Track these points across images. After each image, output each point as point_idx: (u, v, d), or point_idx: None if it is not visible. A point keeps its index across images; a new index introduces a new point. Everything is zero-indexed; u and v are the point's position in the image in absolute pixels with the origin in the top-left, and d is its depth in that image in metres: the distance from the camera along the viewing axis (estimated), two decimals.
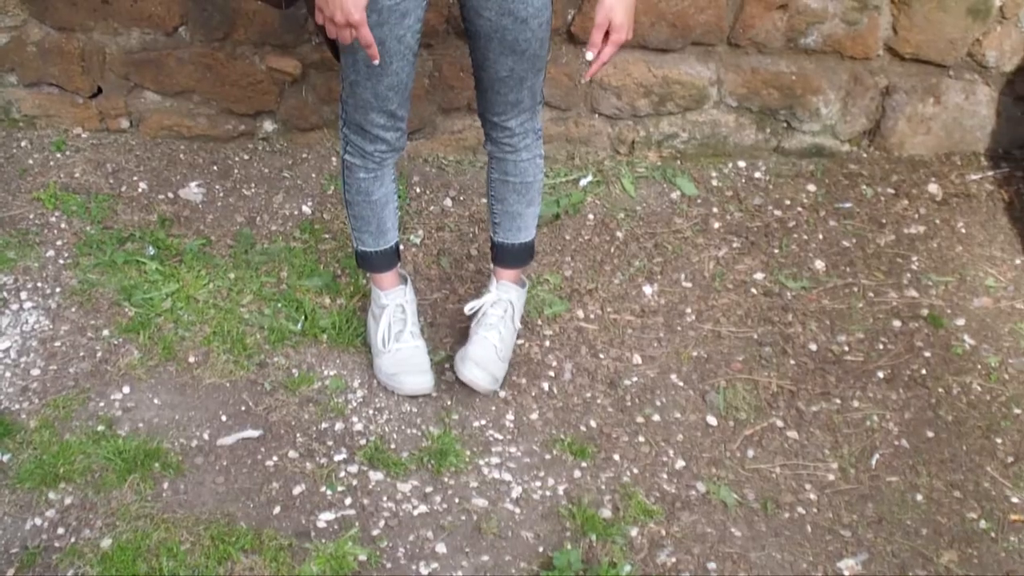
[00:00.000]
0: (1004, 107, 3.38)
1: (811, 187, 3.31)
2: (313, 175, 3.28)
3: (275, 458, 2.47)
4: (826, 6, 3.14)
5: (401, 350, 2.61)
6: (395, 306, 2.63)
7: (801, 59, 3.26)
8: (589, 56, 2.14)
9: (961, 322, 2.88)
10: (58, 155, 3.29)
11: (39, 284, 2.87)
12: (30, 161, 3.27)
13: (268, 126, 3.37)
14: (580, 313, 2.86)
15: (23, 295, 2.83)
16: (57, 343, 2.71)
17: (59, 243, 2.99)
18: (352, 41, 2.01)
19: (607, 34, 2.11)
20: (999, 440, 2.59)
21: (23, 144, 3.33)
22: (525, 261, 2.68)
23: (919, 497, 2.45)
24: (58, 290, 2.85)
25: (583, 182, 3.29)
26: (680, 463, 2.51)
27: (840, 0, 3.14)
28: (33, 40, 3.23)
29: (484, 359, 2.57)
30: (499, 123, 2.42)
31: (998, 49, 3.26)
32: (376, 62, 2.08)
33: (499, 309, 2.63)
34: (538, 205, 2.60)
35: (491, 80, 2.33)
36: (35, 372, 2.63)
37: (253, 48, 3.20)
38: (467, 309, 2.66)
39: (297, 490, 2.40)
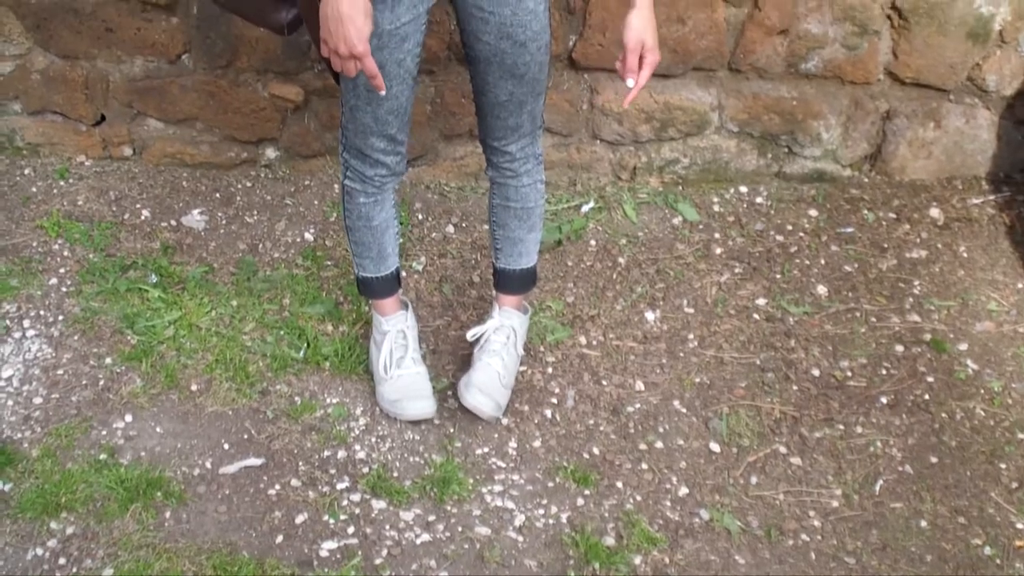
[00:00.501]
0: (1005, 131, 3.39)
1: (813, 212, 3.31)
2: (315, 202, 3.29)
3: (277, 487, 2.46)
4: (826, 31, 3.16)
5: (403, 376, 2.61)
6: (396, 332, 2.63)
7: (802, 84, 3.27)
8: (630, 83, 2.16)
9: (964, 347, 2.88)
10: (61, 183, 3.30)
11: (42, 312, 2.87)
12: (33, 189, 3.28)
13: (271, 153, 3.38)
14: (582, 339, 2.86)
15: (26, 323, 2.83)
16: (60, 371, 2.71)
17: (62, 271, 3.00)
18: (357, 73, 2.02)
19: (641, 57, 2.15)
20: (1003, 465, 2.58)
21: (27, 172, 3.34)
22: (527, 287, 2.69)
23: (923, 523, 2.45)
24: (61, 318, 2.86)
25: (585, 208, 3.29)
26: (683, 490, 2.51)
27: (840, 25, 3.15)
28: (37, 68, 3.24)
29: (487, 385, 2.57)
30: (499, 148, 2.43)
31: (998, 73, 3.27)
32: (383, 92, 2.08)
33: (502, 335, 2.63)
34: (539, 231, 2.61)
35: (491, 105, 2.34)
36: (37, 400, 2.63)
37: (256, 75, 3.22)
38: (469, 336, 2.66)
39: (300, 519, 2.39)
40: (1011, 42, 3.21)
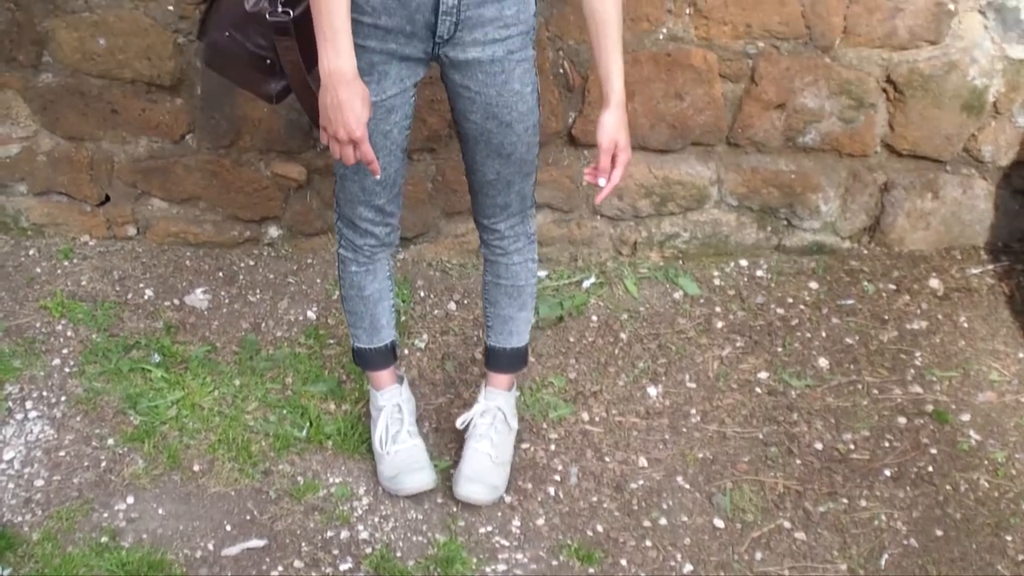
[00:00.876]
0: (1002, 200, 3.41)
1: (813, 284, 3.33)
2: (318, 280, 3.30)
3: (280, 568, 2.45)
4: (823, 105, 3.19)
5: (399, 451, 2.61)
6: (392, 407, 2.64)
7: (800, 157, 3.30)
8: (601, 182, 2.19)
9: (967, 417, 2.87)
10: (65, 263, 3.32)
11: (44, 393, 2.88)
12: (38, 269, 3.30)
13: (273, 232, 3.40)
14: (585, 416, 2.86)
15: (28, 404, 2.84)
16: (61, 453, 2.71)
17: (65, 351, 3.01)
18: (352, 162, 2.07)
19: (613, 156, 2.18)
20: (1009, 537, 2.56)
21: (31, 253, 3.36)
22: (517, 367, 2.69)
23: None
24: (63, 399, 2.86)
25: (586, 284, 3.31)
26: (688, 567, 2.49)
27: (836, 99, 3.19)
28: (43, 150, 3.28)
29: (477, 472, 2.57)
30: (488, 226, 2.45)
31: (993, 144, 3.30)
32: (377, 176, 2.13)
33: (488, 418, 2.63)
34: (531, 310, 2.62)
35: (480, 183, 2.37)
36: (39, 483, 2.63)
37: (259, 155, 3.25)
38: (458, 424, 2.66)
39: None
40: (1005, 113, 3.24)
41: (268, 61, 2.16)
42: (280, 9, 2.06)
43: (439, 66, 2.21)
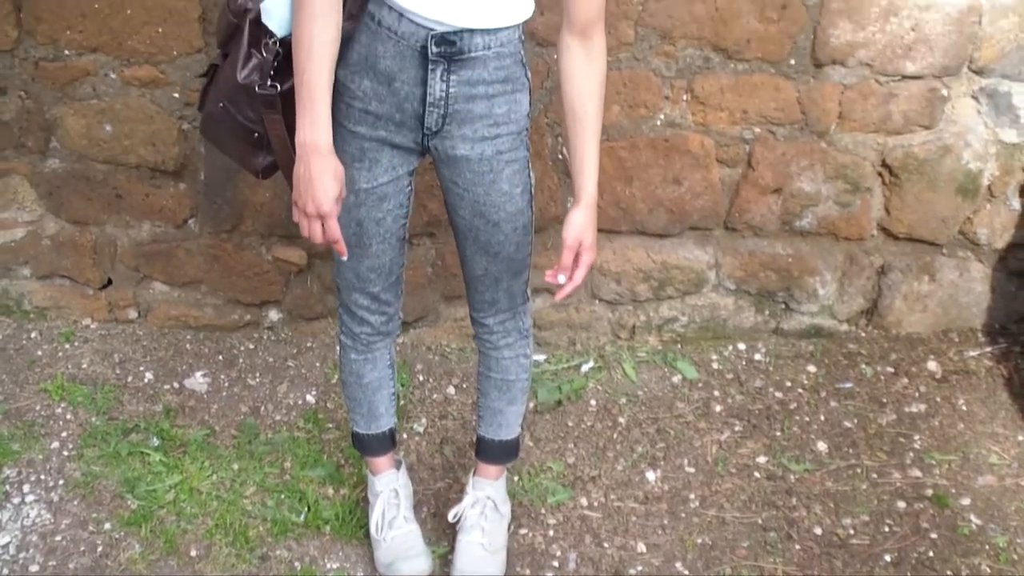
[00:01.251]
0: (998, 283, 3.43)
1: (811, 368, 3.33)
2: (317, 364, 3.31)
3: None
4: (819, 189, 3.23)
5: (395, 538, 2.58)
6: (389, 492, 2.62)
7: (797, 241, 3.33)
8: (561, 279, 2.12)
9: (967, 501, 2.86)
10: (67, 346, 3.34)
11: (42, 477, 2.87)
12: (39, 352, 3.31)
13: (274, 315, 3.42)
14: (583, 501, 2.85)
15: (25, 488, 2.83)
16: (58, 537, 2.70)
17: (64, 434, 3.01)
18: (321, 239, 2.01)
19: (577, 255, 2.13)
20: None
21: (33, 335, 3.38)
22: (506, 459, 2.65)
23: None
24: (61, 482, 2.86)
25: (584, 368, 3.32)
26: None
27: (832, 183, 3.22)
28: (48, 234, 3.32)
29: (471, 564, 2.54)
30: (478, 319, 2.42)
31: (989, 227, 3.33)
32: (344, 258, 2.10)
33: (478, 508, 2.60)
34: (522, 403, 2.57)
35: (469, 277, 2.35)
36: (34, 568, 2.61)
37: (260, 239, 3.29)
38: (450, 517, 2.63)
39: None
40: (1000, 196, 3.28)
41: (256, 134, 2.12)
42: (269, 83, 2.02)
43: (431, 157, 2.19)
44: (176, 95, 3.06)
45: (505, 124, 2.11)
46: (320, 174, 1.94)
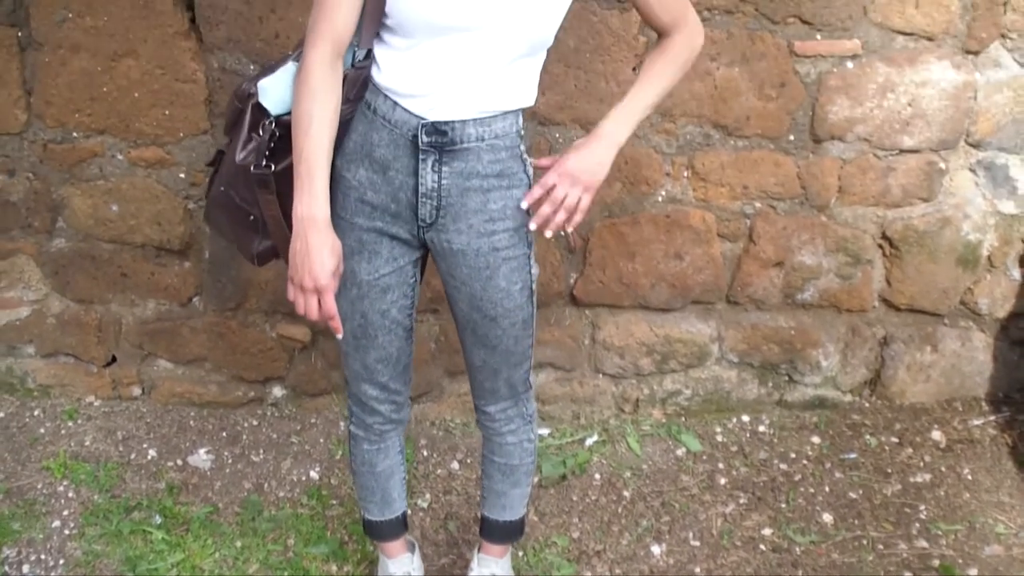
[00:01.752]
0: (1000, 352, 3.44)
1: (815, 439, 3.33)
2: (321, 440, 3.31)
3: None
4: (820, 262, 3.25)
5: None
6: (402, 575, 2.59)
7: (799, 314, 3.34)
8: (532, 227, 2.05)
9: (974, 572, 2.84)
10: (70, 423, 3.34)
11: (42, 556, 2.85)
12: (41, 430, 3.31)
13: (277, 392, 3.43)
14: (589, 575, 2.84)
15: (25, 568, 2.81)
16: None
17: (65, 513, 3.00)
18: (317, 316, 1.97)
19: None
20: None
21: (36, 413, 3.38)
22: (511, 538, 2.60)
23: None
24: (62, 562, 2.84)
25: (589, 441, 3.31)
26: None
27: (833, 256, 3.24)
28: (53, 313, 3.33)
29: None
30: (480, 407, 2.38)
31: (989, 296, 3.35)
32: (339, 336, 2.05)
33: None
34: (527, 486, 2.52)
35: (469, 366, 2.30)
36: None
37: (264, 316, 3.30)
38: None
39: None
40: (999, 266, 3.30)
41: (252, 217, 2.07)
42: (264, 162, 1.98)
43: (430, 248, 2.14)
44: (182, 175, 3.10)
45: (501, 220, 2.06)
46: (318, 247, 1.91)
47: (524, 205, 2.04)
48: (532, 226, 2.05)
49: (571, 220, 2.06)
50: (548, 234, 2.05)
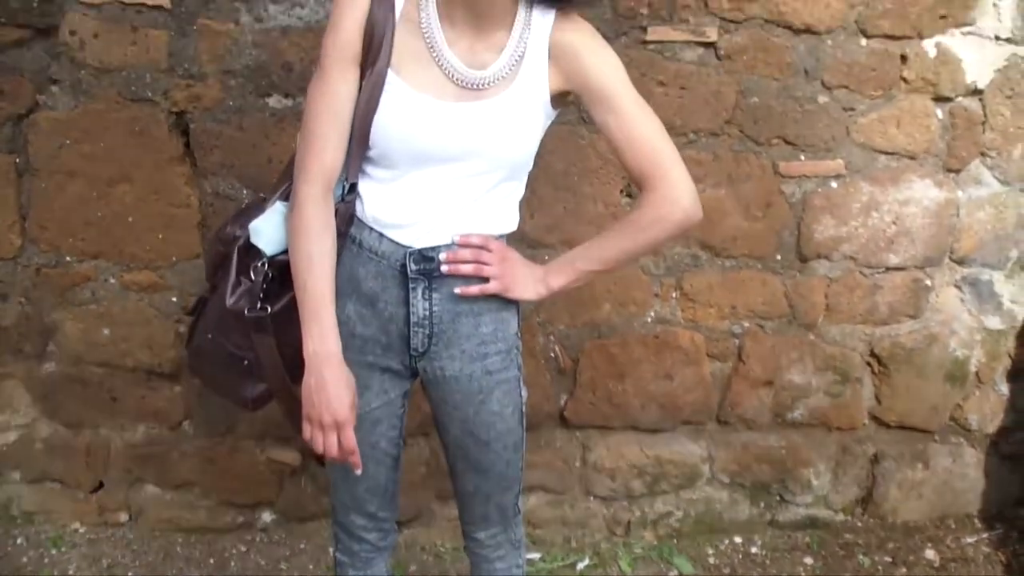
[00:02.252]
0: (992, 467, 3.44)
1: (808, 560, 3.30)
2: (311, 566, 3.26)
3: None
4: (809, 380, 3.26)
5: None
6: None
7: (789, 433, 3.34)
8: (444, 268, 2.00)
9: None
10: (54, 551, 3.28)
11: None
12: (24, 559, 3.25)
13: (267, 517, 3.38)
14: None
15: None
16: None
17: None
18: (337, 452, 1.95)
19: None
20: None
21: (19, 542, 3.32)
22: None
23: None
24: None
25: (580, 565, 3.27)
26: None
27: (822, 374, 3.26)
28: (41, 437, 3.30)
29: None
30: (469, 533, 2.38)
31: (979, 412, 3.36)
32: (359, 471, 2.02)
33: None
34: None
35: (459, 492, 2.30)
36: None
37: (255, 441, 3.28)
38: None
39: None
40: (988, 382, 3.32)
41: (246, 362, 2.05)
42: (259, 305, 1.98)
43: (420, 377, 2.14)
44: (174, 299, 3.10)
45: (493, 343, 2.08)
46: (334, 382, 1.90)
47: (457, 240, 1.99)
48: (444, 267, 1.99)
49: (467, 276, 2.01)
50: (444, 268, 1.99)
